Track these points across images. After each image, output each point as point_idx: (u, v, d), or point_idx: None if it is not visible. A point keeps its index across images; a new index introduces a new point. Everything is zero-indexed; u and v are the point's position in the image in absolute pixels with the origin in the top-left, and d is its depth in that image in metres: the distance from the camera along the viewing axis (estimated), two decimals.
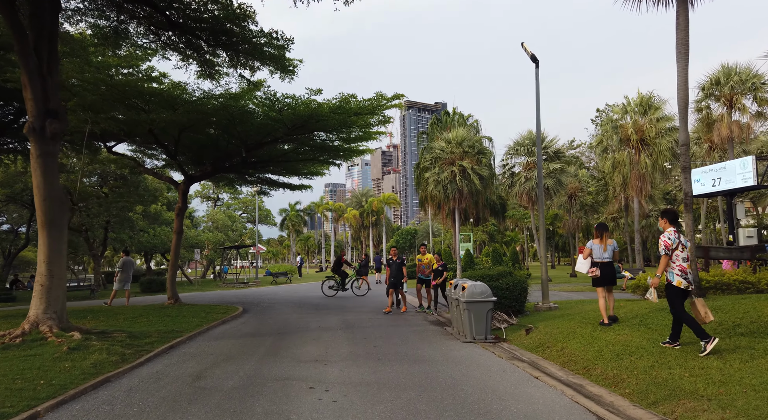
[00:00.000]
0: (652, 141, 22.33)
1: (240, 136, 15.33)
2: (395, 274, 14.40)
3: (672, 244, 6.63)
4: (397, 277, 14.41)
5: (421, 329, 11.29)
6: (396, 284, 14.43)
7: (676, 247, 6.63)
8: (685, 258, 6.67)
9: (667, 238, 6.67)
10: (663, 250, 6.67)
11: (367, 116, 15.12)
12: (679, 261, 6.61)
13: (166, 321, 12.18)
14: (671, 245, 6.63)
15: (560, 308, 12.30)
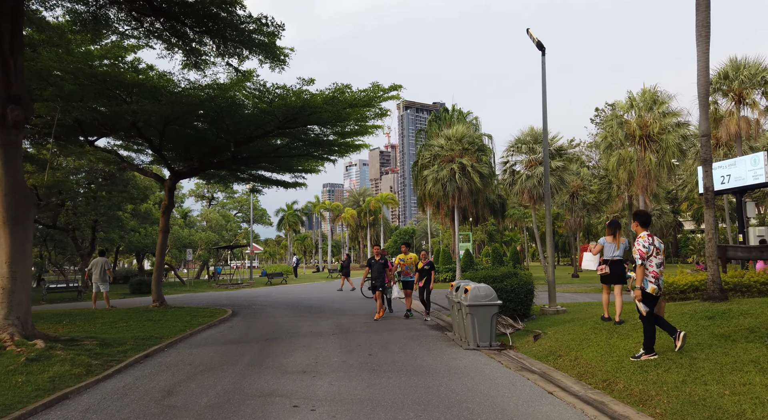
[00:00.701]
0: (657, 137, 21.59)
1: (229, 129, 14.54)
2: (376, 276, 12.89)
3: (647, 251, 6.25)
4: (378, 280, 12.84)
5: (419, 335, 10.52)
6: (377, 287, 12.87)
7: (651, 253, 6.28)
8: (659, 263, 6.31)
9: (642, 246, 6.26)
10: (638, 259, 6.27)
11: (362, 109, 14.34)
12: (653, 267, 6.26)
13: (146, 326, 11.37)
14: (646, 253, 6.25)
15: (568, 311, 11.53)
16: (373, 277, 13.00)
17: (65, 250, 30.92)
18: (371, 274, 13.08)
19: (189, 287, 31.14)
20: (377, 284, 12.86)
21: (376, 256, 13.15)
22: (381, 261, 12.89)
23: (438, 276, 29.43)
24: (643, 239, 6.32)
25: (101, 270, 16.11)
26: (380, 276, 12.79)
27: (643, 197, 22.53)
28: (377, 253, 13.20)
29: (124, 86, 12.78)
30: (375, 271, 12.93)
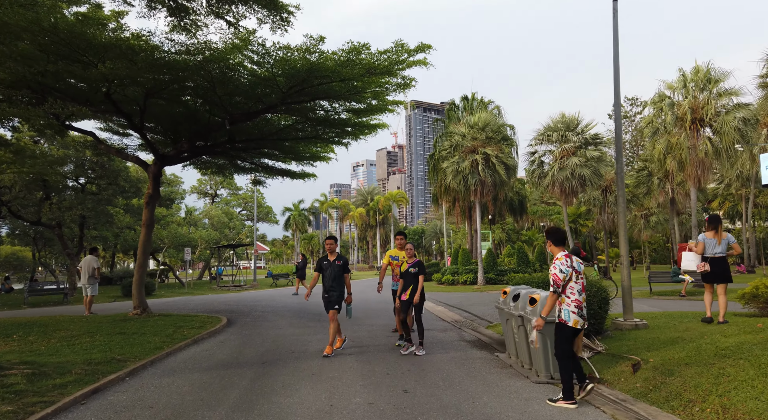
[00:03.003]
0: (712, 120, 18.97)
1: (222, 103, 12.16)
2: (330, 286, 8.16)
3: (564, 276, 5.38)
4: (333, 292, 8.17)
5: (462, 356, 8.06)
6: (332, 303, 8.18)
7: (570, 278, 5.42)
8: (580, 289, 5.45)
9: (559, 270, 5.37)
10: (553, 286, 5.40)
11: (381, 78, 11.91)
12: (574, 294, 5.39)
13: (114, 342, 9.00)
14: (562, 280, 5.37)
15: (650, 325, 9.03)
16: (325, 287, 8.22)
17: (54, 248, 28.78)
18: (323, 283, 8.29)
19: (188, 289, 28.88)
20: (332, 298, 8.13)
21: (330, 254, 8.39)
22: (339, 262, 8.26)
23: (458, 277, 26.95)
24: (560, 262, 5.40)
25: (89, 270, 14.06)
26: (336, 286, 8.15)
27: (695, 189, 19.93)
28: (331, 249, 8.41)
29: (92, 47, 10.42)
30: (328, 278, 8.17)
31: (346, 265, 8.35)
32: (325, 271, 8.29)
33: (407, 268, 8.45)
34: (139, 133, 12.90)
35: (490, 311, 14.15)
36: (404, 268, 8.53)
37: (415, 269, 8.43)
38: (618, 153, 9.35)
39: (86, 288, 14.14)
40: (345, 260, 8.35)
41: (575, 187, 23.61)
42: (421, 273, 8.46)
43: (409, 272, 8.41)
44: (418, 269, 8.46)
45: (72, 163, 23.50)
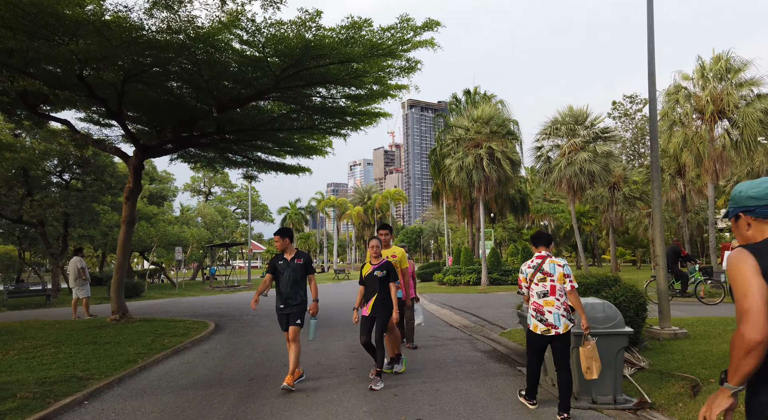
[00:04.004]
0: (732, 112, 17.96)
1: (209, 88, 11.04)
2: (288, 294, 6.17)
3: (524, 277, 5.23)
4: (292, 300, 6.18)
5: (480, 372, 6.98)
6: (294, 316, 6.18)
7: (530, 279, 5.17)
8: (541, 292, 5.09)
9: (520, 272, 5.28)
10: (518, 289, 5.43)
11: (383, 60, 10.82)
12: (533, 297, 5.14)
13: (80, 355, 7.89)
14: (522, 281, 5.25)
15: (691, 334, 8.00)
16: (281, 295, 6.20)
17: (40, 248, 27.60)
18: (277, 289, 6.27)
19: (179, 290, 27.73)
20: (292, 310, 6.15)
21: (280, 248, 6.32)
22: (299, 261, 6.23)
23: (460, 278, 25.90)
24: (525, 263, 5.32)
25: (75, 271, 13.07)
26: (296, 292, 6.19)
27: (712, 185, 18.90)
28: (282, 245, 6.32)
29: (62, 23, 9.29)
30: (285, 283, 6.18)
31: (308, 263, 6.32)
32: (280, 274, 6.17)
33: (371, 269, 6.22)
34: (117, 120, 11.78)
35: (501, 315, 13.09)
36: (367, 271, 6.26)
37: (382, 273, 6.14)
38: (653, 139, 8.30)
39: (74, 290, 13.24)
40: (307, 258, 6.40)
41: (583, 184, 22.60)
42: (391, 279, 6.19)
43: (374, 276, 6.17)
44: (386, 273, 6.15)
45: (56, 158, 22.34)
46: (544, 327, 4.97)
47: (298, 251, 6.45)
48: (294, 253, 6.37)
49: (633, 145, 56.44)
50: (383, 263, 6.32)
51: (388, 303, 6.21)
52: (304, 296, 6.32)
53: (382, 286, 6.22)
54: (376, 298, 6.20)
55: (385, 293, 6.21)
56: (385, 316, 6.18)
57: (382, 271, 6.24)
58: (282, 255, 6.35)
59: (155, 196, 33.31)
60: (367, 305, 6.27)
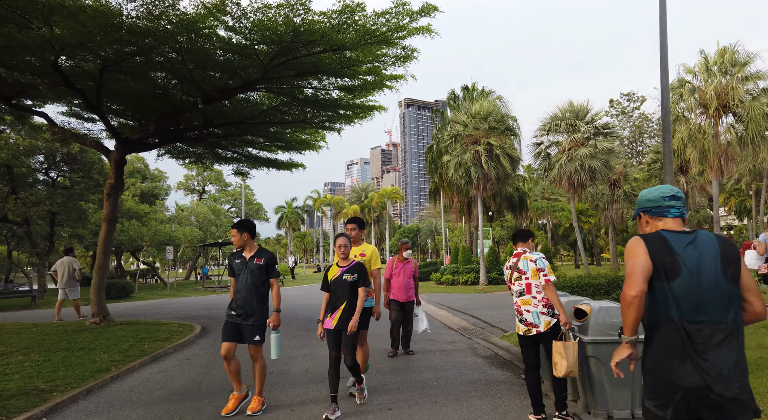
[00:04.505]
0: (737, 106, 17.46)
1: (193, 78, 10.45)
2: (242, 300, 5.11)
3: (506, 277, 5.11)
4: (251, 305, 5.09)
5: (482, 380, 6.42)
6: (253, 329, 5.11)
7: (510, 278, 4.99)
8: (518, 291, 4.87)
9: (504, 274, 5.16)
10: None
11: (378, 48, 10.25)
12: (514, 297, 4.92)
13: (49, 363, 7.29)
14: (507, 280, 5.07)
15: None
16: (234, 301, 5.20)
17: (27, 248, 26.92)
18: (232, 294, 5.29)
19: (170, 291, 27.11)
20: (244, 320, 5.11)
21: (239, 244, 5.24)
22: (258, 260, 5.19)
23: (458, 277, 25.37)
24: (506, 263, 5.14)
25: (68, 272, 12.54)
26: (252, 299, 5.11)
27: (717, 181, 18.41)
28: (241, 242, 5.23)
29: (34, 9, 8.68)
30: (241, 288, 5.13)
31: (271, 265, 5.15)
32: (237, 275, 5.14)
33: (338, 273, 5.13)
34: (96, 113, 11.16)
35: (501, 316, 12.55)
36: (333, 275, 5.16)
37: (353, 276, 5.09)
38: (665, 130, 7.77)
39: (64, 291, 12.71)
40: (269, 258, 5.18)
41: (584, 180, 22.10)
42: (362, 284, 5.13)
43: (342, 281, 5.08)
44: (357, 276, 5.11)
45: (41, 155, 21.70)
46: (525, 327, 4.82)
47: (260, 249, 5.24)
48: (254, 250, 5.19)
49: (631, 144, 56.08)
50: (353, 265, 5.19)
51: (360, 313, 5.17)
52: (263, 306, 5.12)
53: (352, 293, 5.08)
54: (345, 307, 5.04)
55: (353, 301, 5.10)
56: (354, 332, 5.05)
57: (352, 275, 5.10)
58: (240, 253, 5.24)
59: (147, 194, 32.67)
60: (333, 316, 5.09)
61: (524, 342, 4.88)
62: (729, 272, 2.29)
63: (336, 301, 5.13)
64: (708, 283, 2.27)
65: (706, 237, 2.38)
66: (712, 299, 2.26)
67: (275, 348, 5.21)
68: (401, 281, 7.84)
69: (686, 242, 2.35)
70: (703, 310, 2.25)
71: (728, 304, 2.27)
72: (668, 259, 2.30)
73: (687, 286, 2.27)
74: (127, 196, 30.84)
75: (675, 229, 2.44)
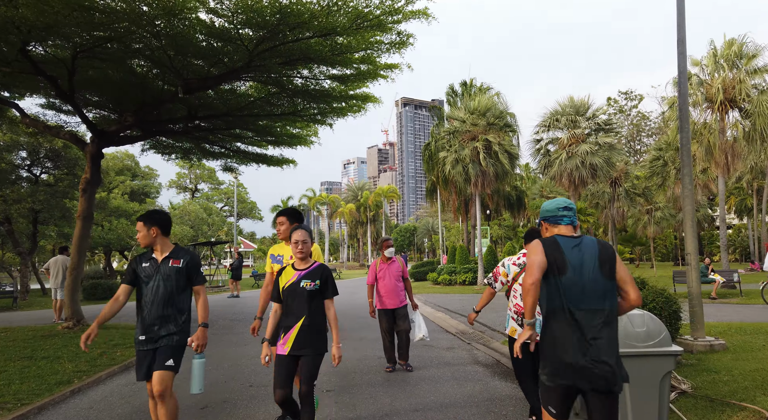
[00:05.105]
0: (744, 101, 16.87)
1: (173, 66, 9.75)
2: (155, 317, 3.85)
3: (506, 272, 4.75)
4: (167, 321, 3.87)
5: (484, 395, 5.76)
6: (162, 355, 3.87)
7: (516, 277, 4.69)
8: None
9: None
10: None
11: (371, 33, 9.59)
12: (516, 298, 4.65)
13: (5, 373, 6.59)
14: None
15: (730, 346, 6.84)
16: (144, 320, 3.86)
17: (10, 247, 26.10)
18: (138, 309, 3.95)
19: None
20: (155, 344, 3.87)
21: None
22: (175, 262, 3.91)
23: (455, 277, 24.74)
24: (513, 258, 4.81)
25: (61, 271, 11.87)
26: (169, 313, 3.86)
27: (723, 178, 17.82)
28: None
29: None
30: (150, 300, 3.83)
31: (193, 267, 3.94)
32: (143, 284, 3.85)
33: (294, 278, 3.85)
34: (69, 102, 10.45)
35: (501, 319, 11.91)
36: (287, 281, 3.87)
37: (313, 283, 3.82)
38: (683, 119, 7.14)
39: (57, 291, 12.06)
40: (191, 259, 3.96)
41: (585, 177, 21.49)
42: (328, 294, 3.89)
43: (300, 289, 3.81)
44: (319, 283, 3.84)
45: (24, 151, 20.93)
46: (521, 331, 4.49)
47: (178, 248, 4.02)
48: (169, 250, 3.93)
49: (629, 142, 55.62)
50: (315, 268, 3.91)
51: (322, 333, 3.86)
52: (181, 322, 3.85)
53: (312, 306, 3.80)
54: (304, 323, 3.77)
55: (317, 317, 3.83)
56: (318, 356, 3.84)
57: (313, 282, 3.82)
58: (149, 254, 3.93)
59: (137, 192, 31.90)
60: (287, 337, 3.78)
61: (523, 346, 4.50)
62: (605, 269, 2.81)
63: (290, 317, 3.81)
64: (588, 278, 2.79)
65: (589, 241, 2.92)
66: (592, 291, 2.77)
67: (198, 378, 3.90)
68: (388, 285, 6.74)
69: (573, 245, 2.87)
70: (586, 300, 2.76)
71: (604, 295, 2.78)
72: (559, 258, 2.81)
73: (572, 281, 2.78)
74: (116, 194, 30.10)
75: (566, 234, 2.99)
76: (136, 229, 4.04)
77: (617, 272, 2.83)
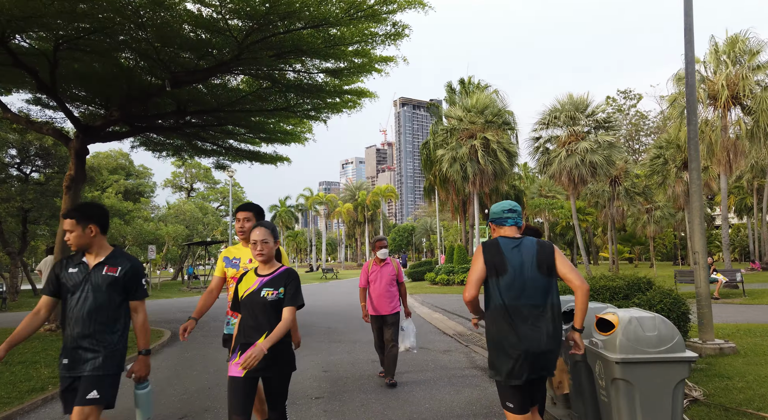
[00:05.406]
0: (747, 97, 16.57)
1: (160, 58, 9.40)
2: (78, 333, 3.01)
3: None
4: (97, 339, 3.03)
5: (483, 402, 5.44)
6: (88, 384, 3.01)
7: None
8: None
9: None
10: None
11: (365, 24, 9.24)
12: None
13: None
14: None
15: (740, 349, 6.52)
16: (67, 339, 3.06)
17: None
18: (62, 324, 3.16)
19: (153, 292, 26.01)
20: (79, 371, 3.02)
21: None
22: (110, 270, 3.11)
23: (453, 277, 24.40)
24: None
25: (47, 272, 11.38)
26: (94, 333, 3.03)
27: (725, 177, 17.52)
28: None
29: None
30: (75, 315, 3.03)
31: (132, 276, 3.16)
32: (69, 294, 3.07)
33: (255, 285, 3.15)
34: (52, 96, 10.08)
35: None
36: (247, 289, 3.17)
37: (275, 293, 3.10)
38: (691, 111, 6.80)
39: None
40: (131, 266, 3.18)
41: (585, 176, 21.17)
42: (294, 302, 3.11)
43: (261, 299, 3.10)
44: (283, 291, 3.12)
45: (14, 148, 20.55)
46: None
47: (117, 252, 3.20)
48: (105, 254, 3.13)
49: (627, 142, 55.39)
50: (281, 273, 3.17)
51: (287, 349, 3.15)
52: (113, 343, 3.03)
53: (276, 319, 3.04)
54: (264, 342, 2.93)
55: (278, 327, 3.01)
56: (286, 375, 3.16)
57: (275, 290, 3.09)
58: (80, 257, 3.14)
59: (131, 191, 31.49)
60: (245, 355, 2.93)
61: None
62: (543, 268, 3.00)
63: (248, 332, 3.06)
64: (527, 276, 2.98)
65: (529, 242, 3.09)
66: (531, 288, 2.97)
67: (145, 408, 3.27)
68: (379, 289, 6.06)
69: (513, 246, 3.06)
70: (525, 296, 2.95)
71: (543, 291, 2.97)
72: (498, 260, 3.01)
73: (512, 279, 2.97)
74: (109, 193, 29.71)
75: (509, 235, 3.15)
76: (64, 228, 3.14)
77: (557, 268, 3.03)
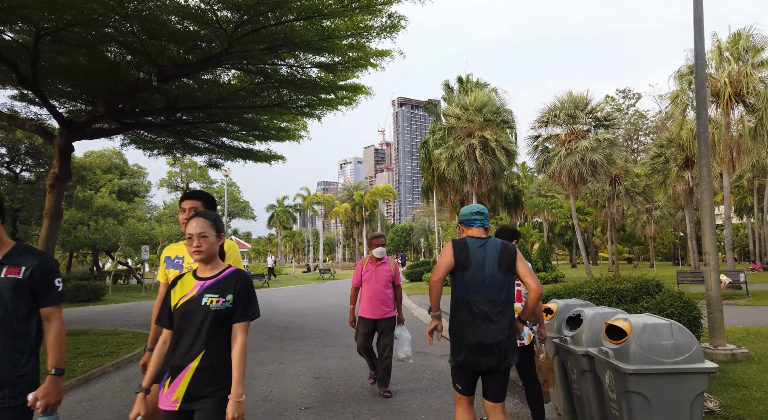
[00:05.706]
0: (751, 95, 16.30)
1: (146, 51, 9.04)
2: None
3: None
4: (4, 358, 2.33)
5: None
6: None
7: None
8: None
9: None
10: None
11: (359, 16, 8.90)
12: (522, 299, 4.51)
13: None
14: None
15: (754, 354, 6.19)
16: None
17: None
18: None
19: (146, 293, 25.62)
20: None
21: None
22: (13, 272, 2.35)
23: None
24: None
25: None
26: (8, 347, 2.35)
27: (728, 175, 17.24)
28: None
29: None
30: None
31: (41, 277, 2.38)
32: None
33: (194, 291, 2.38)
34: (33, 90, 9.71)
35: None
36: (183, 295, 2.39)
37: (222, 301, 2.35)
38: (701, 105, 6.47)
39: None
40: (41, 263, 2.39)
41: (585, 175, 20.86)
42: (240, 314, 2.38)
43: (201, 307, 2.33)
44: (232, 299, 2.37)
45: (3, 147, 20.15)
46: (533, 336, 4.56)
47: (18, 246, 2.46)
48: (5, 251, 2.39)
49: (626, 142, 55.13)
50: (227, 276, 2.45)
51: (229, 374, 2.34)
52: (23, 364, 2.33)
53: (217, 335, 2.35)
54: (200, 365, 2.31)
55: (223, 352, 2.35)
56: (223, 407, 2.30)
57: (222, 297, 2.37)
58: None
59: (125, 191, 31.09)
60: (175, 384, 2.31)
61: None
62: (503, 266, 3.30)
63: (181, 352, 2.33)
64: (488, 273, 3.28)
65: (493, 242, 3.39)
66: (491, 284, 3.27)
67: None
68: (373, 290, 5.54)
69: (478, 245, 3.36)
70: (484, 292, 3.26)
71: (501, 288, 3.29)
72: (464, 257, 3.30)
73: (474, 275, 3.28)
74: (103, 192, 29.31)
75: (476, 235, 3.44)
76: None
77: (517, 268, 3.31)
